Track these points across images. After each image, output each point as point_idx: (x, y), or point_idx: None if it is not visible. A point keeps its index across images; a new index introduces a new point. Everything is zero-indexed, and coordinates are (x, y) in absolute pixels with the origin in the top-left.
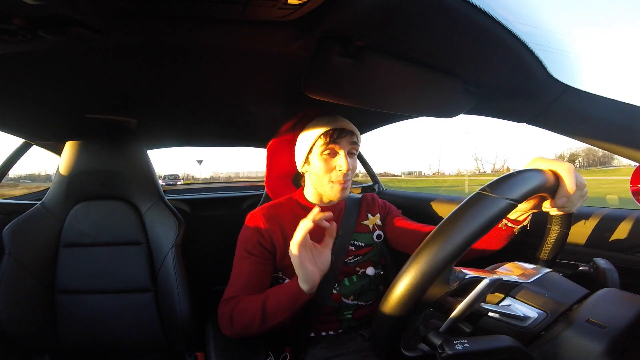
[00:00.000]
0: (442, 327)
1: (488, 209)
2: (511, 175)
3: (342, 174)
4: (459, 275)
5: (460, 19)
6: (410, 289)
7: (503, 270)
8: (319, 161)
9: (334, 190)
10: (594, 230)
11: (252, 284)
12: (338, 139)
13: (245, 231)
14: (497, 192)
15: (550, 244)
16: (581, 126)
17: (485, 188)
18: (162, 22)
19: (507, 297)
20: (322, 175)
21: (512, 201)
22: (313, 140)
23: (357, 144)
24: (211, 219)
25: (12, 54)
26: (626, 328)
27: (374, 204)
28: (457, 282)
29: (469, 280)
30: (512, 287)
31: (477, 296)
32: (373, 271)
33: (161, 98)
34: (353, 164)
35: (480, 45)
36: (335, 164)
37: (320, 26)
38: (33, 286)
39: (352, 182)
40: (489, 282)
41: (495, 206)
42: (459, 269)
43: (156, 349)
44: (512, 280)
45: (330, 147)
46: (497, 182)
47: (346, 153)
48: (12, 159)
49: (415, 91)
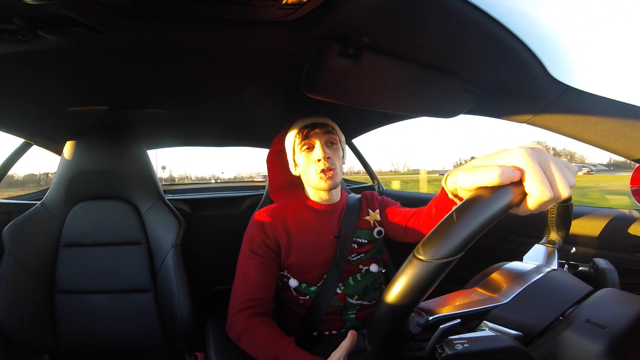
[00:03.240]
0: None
1: (424, 275)
2: (446, 225)
3: (322, 162)
4: (420, 320)
5: (460, 19)
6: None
7: (483, 289)
8: (302, 158)
9: (321, 181)
10: (594, 231)
11: (259, 285)
12: (311, 133)
13: (250, 231)
14: (430, 256)
15: (554, 222)
16: (581, 126)
17: (419, 250)
18: (162, 22)
19: (483, 322)
20: (307, 170)
21: (450, 260)
22: (292, 142)
23: (334, 134)
24: (211, 219)
25: (12, 54)
26: (626, 328)
27: (373, 200)
28: (419, 329)
29: (433, 322)
30: (486, 312)
31: (435, 343)
32: (376, 268)
33: (161, 98)
34: (333, 153)
35: (480, 45)
36: (313, 156)
37: (320, 26)
38: (33, 286)
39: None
40: (440, 333)
41: (432, 271)
42: (419, 313)
43: (156, 348)
44: (481, 309)
45: (306, 142)
46: (428, 242)
47: (323, 144)
48: (12, 159)
49: (415, 91)
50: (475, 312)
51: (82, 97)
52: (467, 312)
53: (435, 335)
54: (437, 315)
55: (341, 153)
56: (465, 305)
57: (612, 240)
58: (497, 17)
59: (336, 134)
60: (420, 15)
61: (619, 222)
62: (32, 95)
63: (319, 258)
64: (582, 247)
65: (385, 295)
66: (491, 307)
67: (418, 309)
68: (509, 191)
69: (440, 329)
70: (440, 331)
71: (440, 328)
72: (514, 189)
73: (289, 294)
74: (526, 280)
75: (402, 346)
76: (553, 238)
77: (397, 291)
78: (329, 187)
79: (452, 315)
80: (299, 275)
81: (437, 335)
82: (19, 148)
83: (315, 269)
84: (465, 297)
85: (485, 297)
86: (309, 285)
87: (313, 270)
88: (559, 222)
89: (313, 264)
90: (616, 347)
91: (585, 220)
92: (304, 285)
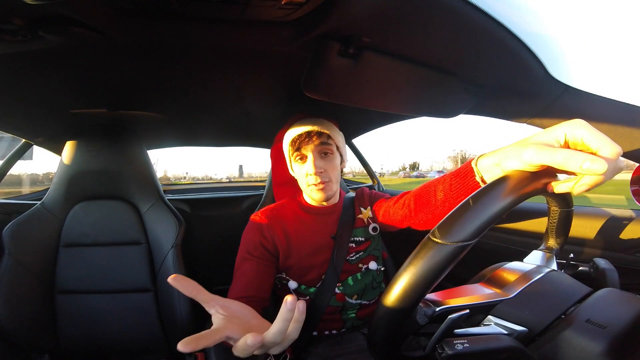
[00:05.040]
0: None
1: (438, 258)
2: (464, 209)
3: (313, 177)
4: (427, 311)
5: (461, 19)
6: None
7: (487, 285)
8: (296, 167)
9: (314, 193)
10: (594, 231)
11: (254, 286)
12: (303, 144)
13: (248, 233)
14: (447, 239)
15: (554, 228)
16: None
17: (435, 233)
18: (162, 22)
19: (488, 316)
20: (301, 181)
21: (465, 244)
22: (287, 151)
23: (328, 143)
24: (211, 219)
25: (12, 54)
26: (626, 328)
27: (363, 197)
28: (426, 319)
29: (439, 313)
30: (492, 306)
31: (442, 335)
32: (375, 265)
33: (161, 97)
34: (328, 164)
35: (480, 45)
36: (305, 169)
37: (320, 26)
38: (33, 286)
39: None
40: (449, 323)
41: (447, 254)
42: (426, 304)
43: (156, 349)
44: (486, 303)
45: (298, 154)
46: (445, 225)
47: (316, 155)
48: (12, 159)
49: (415, 91)
50: (482, 305)
51: (82, 97)
52: (475, 304)
53: (443, 325)
54: (445, 307)
55: (337, 161)
56: (473, 299)
57: (611, 240)
58: (497, 17)
59: (331, 143)
60: (421, 15)
61: (619, 222)
62: (32, 95)
63: (317, 260)
64: (582, 247)
65: (396, 279)
66: (497, 301)
67: (425, 300)
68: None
69: (449, 319)
70: (449, 321)
71: (449, 318)
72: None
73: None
74: (529, 278)
75: (407, 338)
76: (551, 244)
77: (410, 275)
78: (321, 200)
79: (460, 307)
80: (298, 277)
81: (446, 325)
82: (19, 148)
83: (313, 271)
84: (471, 290)
85: (491, 291)
86: (308, 287)
87: (312, 272)
88: (558, 228)
89: (311, 266)
90: (616, 347)
91: (585, 220)
92: (303, 287)
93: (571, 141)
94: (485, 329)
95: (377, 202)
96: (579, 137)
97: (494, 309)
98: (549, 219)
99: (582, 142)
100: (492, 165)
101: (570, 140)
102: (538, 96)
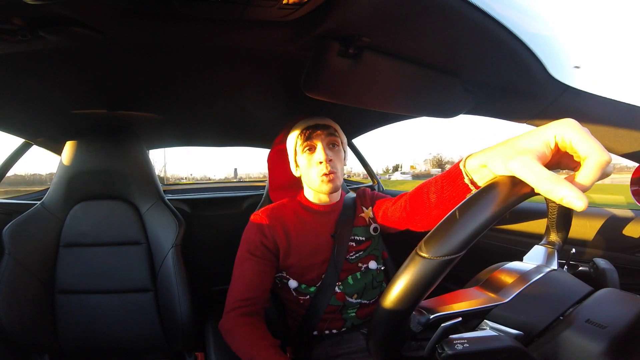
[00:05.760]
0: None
1: (424, 273)
2: (449, 222)
3: (323, 165)
4: (421, 319)
5: (460, 19)
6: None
7: (482, 289)
8: (304, 159)
9: (323, 184)
10: (594, 230)
11: (254, 286)
12: (313, 134)
13: (248, 232)
14: (432, 253)
15: (554, 223)
16: None
17: (422, 247)
18: (162, 22)
19: (484, 321)
20: (308, 172)
21: (451, 257)
22: (294, 142)
23: (336, 136)
24: (211, 219)
25: (13, 54)
26: (626, 328)
27: (365, 197)
28: (420, 327)
29: (433, 320)
30: (487, 311)
31: (435, 342)
32: (375, 265)
33: (161, 98)
34: (335, 155)
35: (480, 45)
36: (315, 158)
37: (320, 26)
38: (33, 286)
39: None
40: (441, 332)
41: (434, 268)
42: (420, 312)
43: (156, 349)
44: (482, 308)
45: (308, 144)
46: (431, 239)
47: (325, 146)
48: (12, 158)
49: (415, 91)
50: (476, 311)
51: (82, 97)
52: (468, 311)
53: (436, 334)
54: (438, 314)
55: (342, 155)
56: (466, 304)
57: (611, 240)
58: (497, 17)
59: (338, 136)
60: (421, 15)
61: (619, 222)
62: (33, 96)
63: (317, 259)
64: (582, 247)
65: (386, 292)
66: (492, 307)
67: (419, 307)
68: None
69: (442, 328)
70: (441, 330)
71: (441, 326)
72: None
73: (289, 295)
74: (527, 280)
75: (403, 345)
76: (553, 239)
77: (398, 289)
78: (330, 191)
79: (453, 314)
80: (298, 276)
81: (439, 333)
82: (19, 148)
83: (313, 270)
84: (466, 296)
85: (486, 296)
86: (308, 286)
87: (312, 271)
88: (559, 223)
89: (311, 265)
90: (616, 347)
91: (585, 220)
92: (303, 286)
93: (560, 144)
94: (479, 333)
95: (378, 203)
96: (568, 140)
97: (489, 314)
98: (549, 214)
99: (571, 145)
100: (479, 166)
101: (559, 143)
102: (538, 96)
